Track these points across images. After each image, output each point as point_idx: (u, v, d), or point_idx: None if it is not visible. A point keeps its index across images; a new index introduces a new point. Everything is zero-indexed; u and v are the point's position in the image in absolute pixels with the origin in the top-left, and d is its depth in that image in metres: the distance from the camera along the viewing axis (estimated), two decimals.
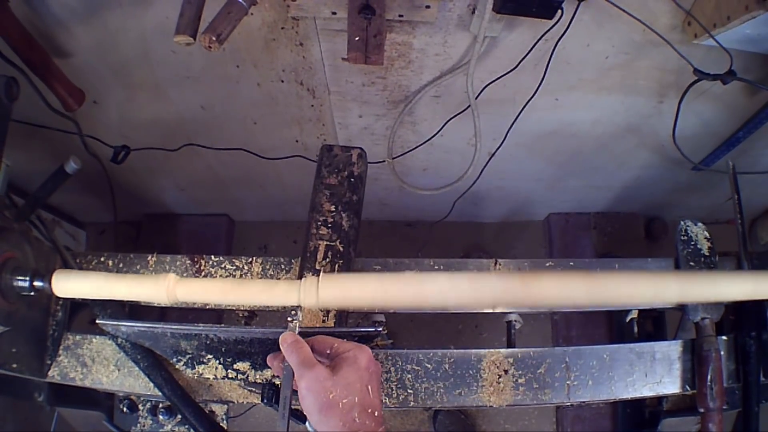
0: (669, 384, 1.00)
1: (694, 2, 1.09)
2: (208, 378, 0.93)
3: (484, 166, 1.56)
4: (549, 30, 1.11)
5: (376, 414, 0.69)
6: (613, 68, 1.30)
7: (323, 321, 0.92)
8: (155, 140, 1.54)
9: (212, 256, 1.05)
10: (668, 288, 0.84)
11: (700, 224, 1.09)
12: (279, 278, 1.03)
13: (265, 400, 0.91)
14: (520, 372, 0.98)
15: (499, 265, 1.06)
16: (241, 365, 0.89)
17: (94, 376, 0.99)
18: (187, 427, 1.04)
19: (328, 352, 0.75)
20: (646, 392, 0.99)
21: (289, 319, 0.77)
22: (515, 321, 1.04)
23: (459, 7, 1.09)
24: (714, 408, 0.97)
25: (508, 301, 0.86)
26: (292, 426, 0.72)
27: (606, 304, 0.88)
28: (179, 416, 1.06)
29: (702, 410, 0.98)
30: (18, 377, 0.94)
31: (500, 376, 0.97)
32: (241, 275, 1.04)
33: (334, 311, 0.92)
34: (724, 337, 1.05)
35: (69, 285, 0.90)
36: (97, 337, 1.01)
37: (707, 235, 1.08)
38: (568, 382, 0.98)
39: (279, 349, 0.81)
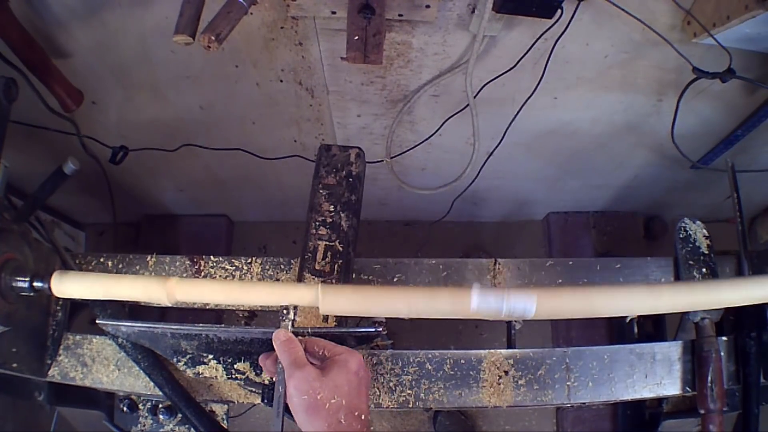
0: (669, 385, 1.00)
1: (694, 1, 1.09)
2: (209, 378, 0.93)
3: (483, 166, 1.56)
4: (548, 29, 1.11)
5: (362, 418, 0.69)
6: (613, 67, 1.30)
7: (324, 321, 0.92)
8: (154, 141, 1.54)
9: (212, 257, 1.05)
10: (661, 300, 0.84)
11: (698, 222, 1.09)
12: (279, 278, 1.03)
13: (266, 400, 0.91)
14: (520, 373, 0.97)
15: (499, 264, 1.06)
16: (241, 365, 0.89)
17: (94, 376, 0.99)
18: (187, 426, 1.04)
19: (321, 354, 0.75)
20: (646, 393, 0.99)
21: (281, 317, 0.77)
22: (515, 322, 1.04)
23: (459, 6, 1.09)
24: (714, 409, 0.97)
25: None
26: (287, 425, 0.72)
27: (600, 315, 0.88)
28: (179, 416, 1.05)
29: (702, 411, 0.98)
30: (18, 377, 0.94)
31: (500, 377, 0.97)
32: (240, 276, 1.03)
33: None
34: (724, 338, 1.04)
35: (68, 286, 0.90)
36: (97, 337, 1.00)
37: (706, 233, 1.08)
38: (568, 383, 0.98)
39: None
